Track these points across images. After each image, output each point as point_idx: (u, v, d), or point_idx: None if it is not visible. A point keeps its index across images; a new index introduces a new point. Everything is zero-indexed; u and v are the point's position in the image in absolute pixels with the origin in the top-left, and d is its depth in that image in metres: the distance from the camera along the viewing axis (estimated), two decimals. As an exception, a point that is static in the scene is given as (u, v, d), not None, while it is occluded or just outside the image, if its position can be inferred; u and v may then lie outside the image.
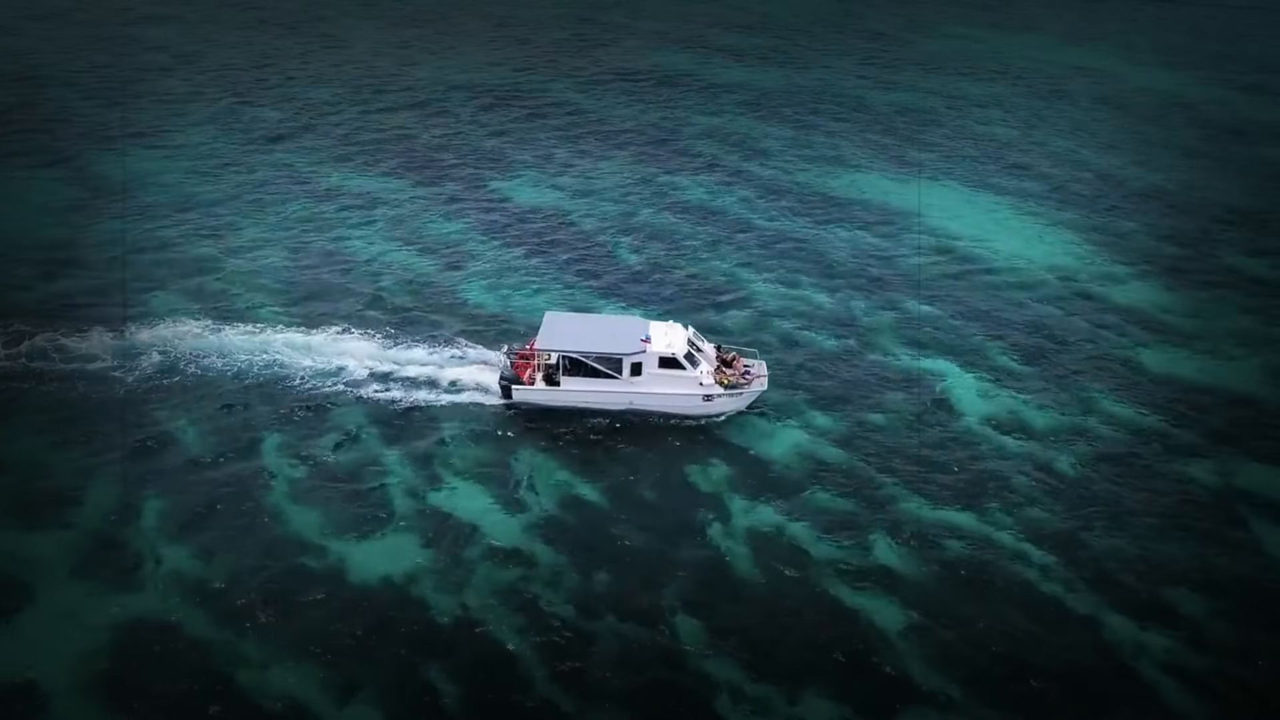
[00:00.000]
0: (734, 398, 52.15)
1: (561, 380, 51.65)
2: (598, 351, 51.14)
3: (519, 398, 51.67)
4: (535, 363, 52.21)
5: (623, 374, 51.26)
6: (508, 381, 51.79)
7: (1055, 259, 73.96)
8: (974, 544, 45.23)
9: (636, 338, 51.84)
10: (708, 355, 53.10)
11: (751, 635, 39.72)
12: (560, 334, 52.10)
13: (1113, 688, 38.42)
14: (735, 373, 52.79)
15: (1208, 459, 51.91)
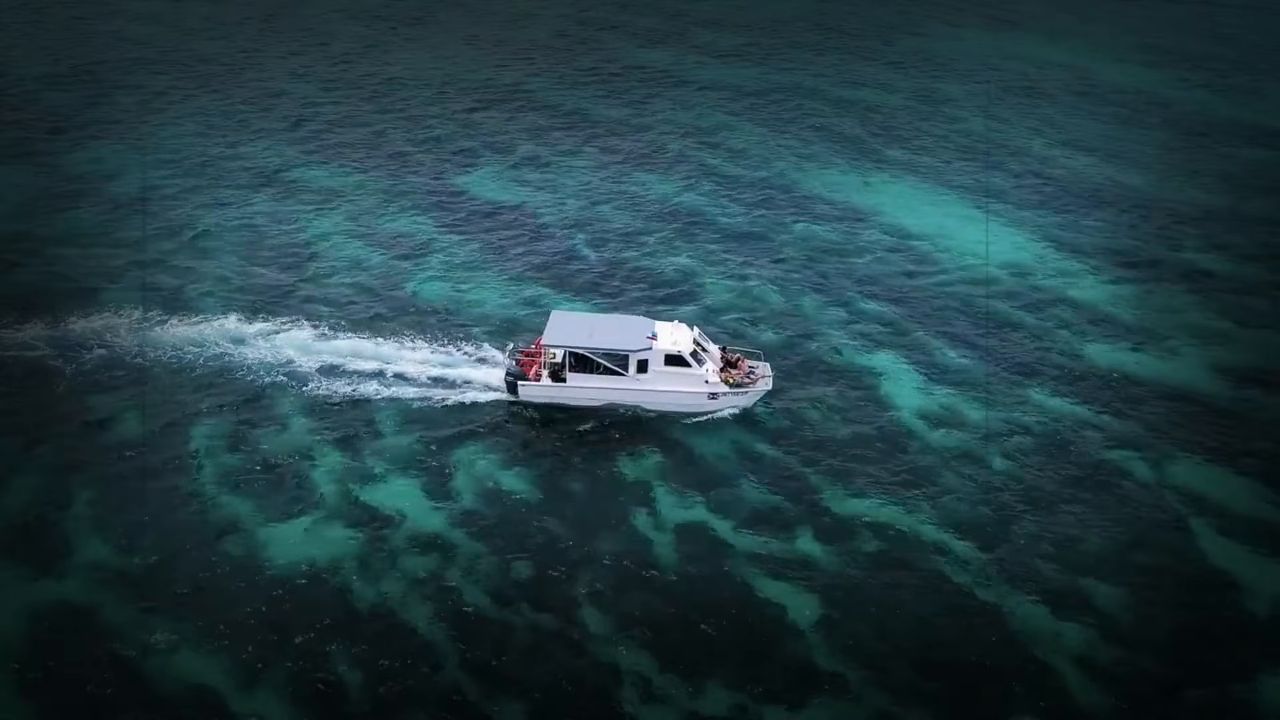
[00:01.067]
0: (739, 396, 52.45)
1: (568, 377, 51.86)
2: (604, 348, 51.43)
3: (525, 394, 52.03)
4: (541, 359, 52.39)
5: (629, 371, 51.62)
6: (514, 378, 52.09)
7: (1010, 255, 74.17)
8: (895, 537, 45.56)
9: (643, 335, 52.20)
10: (713, 355, 53.51)
11: (662, 625, 40.10)
12: (567, 331, 52.43)
13: (1018, 679, 38.73)
14: (740, 373, 53.19)
15: (1141, 452, 52.18)
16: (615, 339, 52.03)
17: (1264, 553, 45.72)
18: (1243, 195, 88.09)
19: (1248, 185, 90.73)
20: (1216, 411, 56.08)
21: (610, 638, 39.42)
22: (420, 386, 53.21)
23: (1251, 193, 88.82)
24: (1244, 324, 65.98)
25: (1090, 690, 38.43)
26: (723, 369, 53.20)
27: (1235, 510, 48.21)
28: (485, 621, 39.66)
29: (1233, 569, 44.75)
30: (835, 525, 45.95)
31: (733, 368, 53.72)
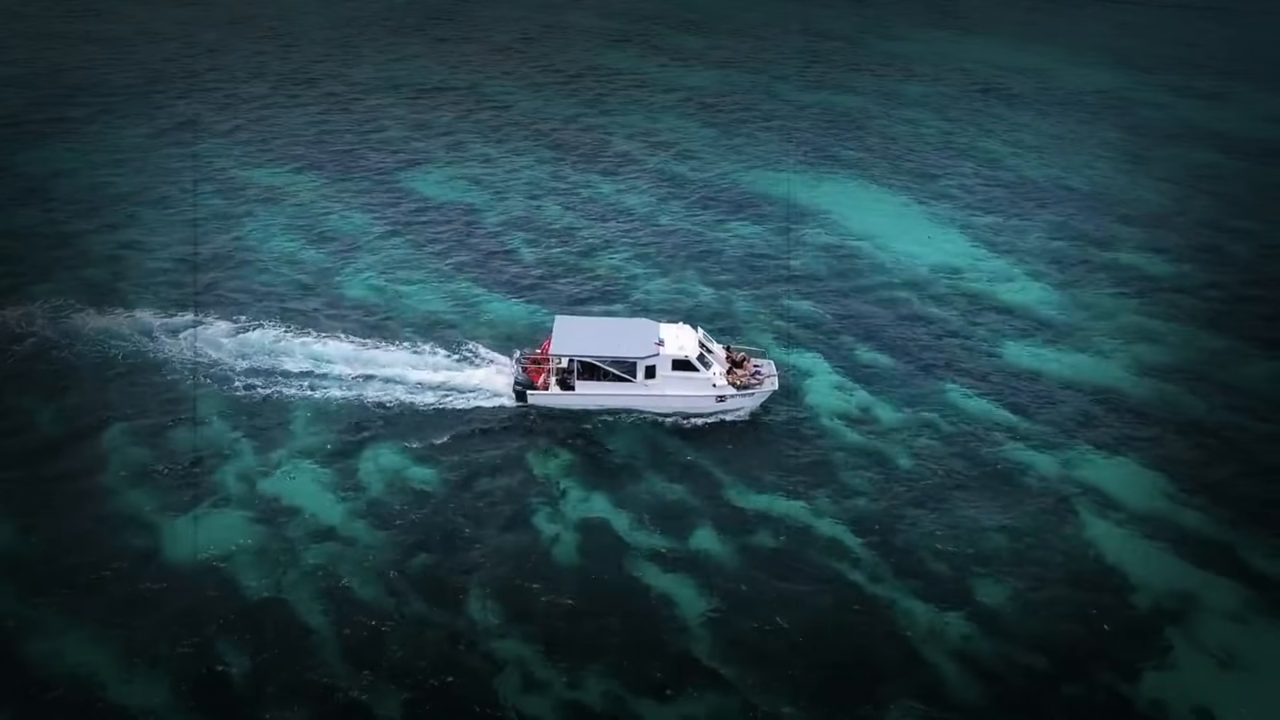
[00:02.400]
0: (746, 398, 52.86)
1: (576, 384, 52.18)
2: (613, 355, 51.72)
3: (534, 402, 52.28)
4: (549, 367, 52.71)
5: (637, 377, 51.88)
6: (522, 386, 52.33)
7: (946, 257, 74.74)
8: (794, 533, 46.13)
9: (650, 341, 52.51)
10: (718, 356, 53.94)
11: (551, 618, 40.68)
12: (574, 338, 52.52)
13: (896, 672, 39.30)
14: (745, 373, 53.65)
15: (1047, 450, 52.72)
16: (623, 346, 52.10)
17: (1156, 549, 46.32)
18: (1186, 197, 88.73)
19: (1193, 188, 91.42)
20: (1130, 410, 56.67)
21: (498, 630, 39.99)
22: (341, 383, 53.73)
23: (1195, 195, 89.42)
24: (1171, 324, 66.60)
25: (965, 683, 39.00)
26: (729, 369, 53.52)
27: (1134, 507, 48.80)
28: (374, 613, 40.22)
29: (1123, 565, 45.33)
30: (736, 521, 46.51)
31: (739, 367, 54.08)
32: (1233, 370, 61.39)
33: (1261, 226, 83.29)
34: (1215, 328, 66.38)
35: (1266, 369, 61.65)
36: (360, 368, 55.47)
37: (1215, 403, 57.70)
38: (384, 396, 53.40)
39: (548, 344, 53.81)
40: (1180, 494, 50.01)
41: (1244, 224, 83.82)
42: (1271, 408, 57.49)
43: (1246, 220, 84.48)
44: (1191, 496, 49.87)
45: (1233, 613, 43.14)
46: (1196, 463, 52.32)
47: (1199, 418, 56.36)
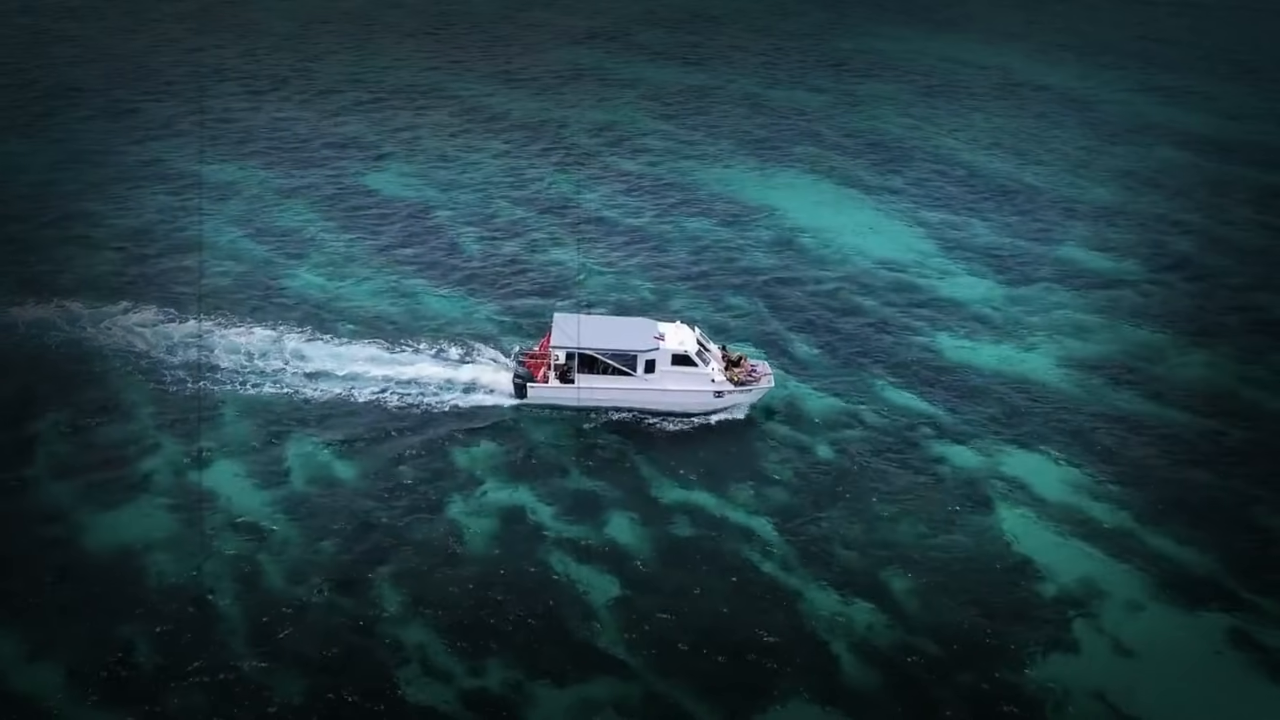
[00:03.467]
0: (744, 394, 53.65)
1: (576, 378, 52.76)
2: (614, 349, 52.40)
3: (534, 396, 52.87)
4: (548, 361, 53.31)
5: (637, 371, 52.57)
6: (522, 380, 52.93)
7: (892, 252, 75.45)
8: (709, 523, 46.84)
9: (649, 336, 53.30)
10: (714, 354, 54.71)
11: (458, 607, 41.28)
12: (574, 333, 53.16)
13: (796, 660, 39.94)
14: (743, 371, 54.47)
15: (971, 443, 53.45)
16: (623, 340, 52.91)
17: (1066, 539, 47.09)
18: (1136, 193, 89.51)
19: (1145, 183, 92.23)
20: (1055, 403, 57.43)
21: (403, 618, 40.59)
22: (272, 376, 54.32)
23: (1146, 191, 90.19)
24: (1106, 318, 67.39)
25: (862, 671, 39.73)
26: (725, 367, 54.32)
27: (1048, 498, 49.58)
28: (284, 601, 40.82)
29: (1032, 555, 46.08)
30: (654, 512, 47.20)
31: (735, 366, 54.91)
32: (1162, 364, 62.20)
33: (1207, 222, 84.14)
34: (1150, 322, 67.18)
35: (1196, 362, 62.49)
36: (294, 361, 56.01)
37: (1141, 396, 58.50)
38: (317, 390, 53.94)
39: (546, 339, 54.59)
40: (1096, 485, 50.80)
41: (1190, 219, 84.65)
42: (1196, 401, 58.30)
43: (1193, 215, 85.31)
44: (1107, 488, 50.66)
45: (1134, 601, 43.92)
46: (1115, 455, 53.11)
47: (1123, 411, 57.15)
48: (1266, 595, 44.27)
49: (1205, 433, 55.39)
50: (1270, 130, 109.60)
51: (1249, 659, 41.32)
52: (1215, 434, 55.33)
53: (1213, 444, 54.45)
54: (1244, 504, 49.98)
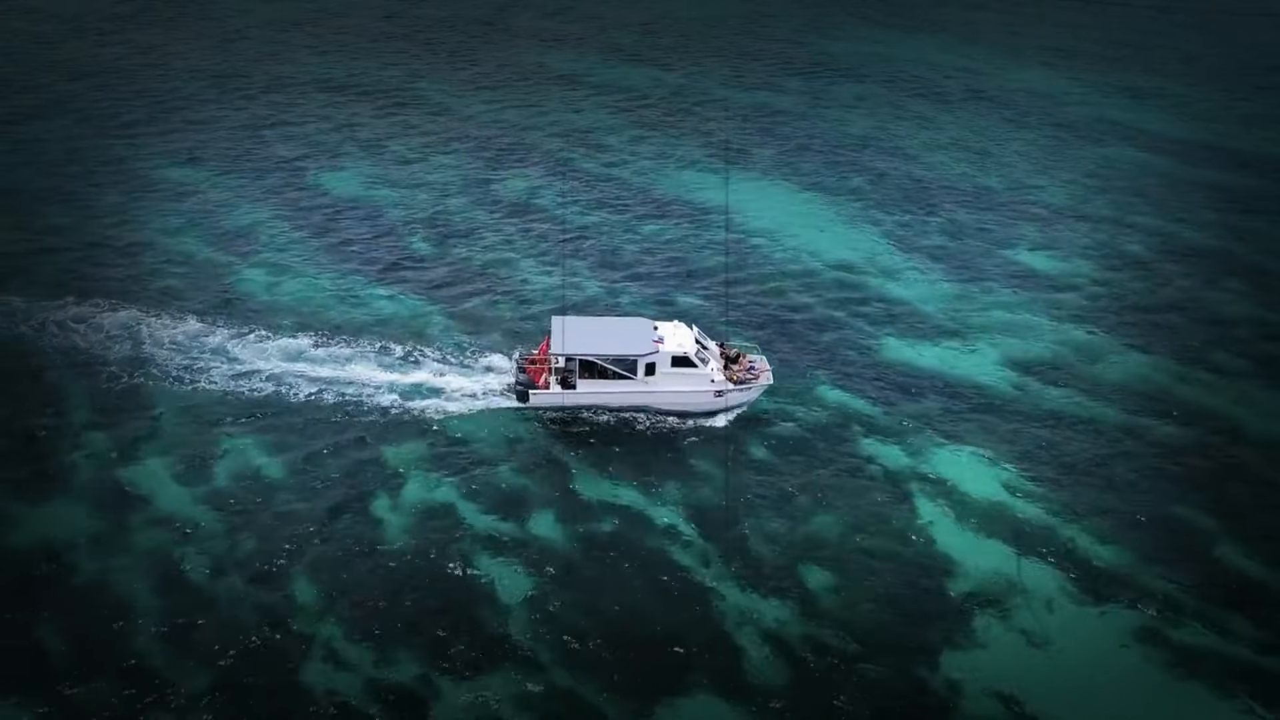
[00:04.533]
0: (744, 392, 54.23)
1: (577, 383, 53.25)
2: (614, 353, 52.85)
3: (535, 401, 53.30)
4: (549, 366, 53.69)
5: (638, 374, 53.04)
6: (524, 386, 53.33)
7: (844, 253, 75.84)
8: (633, 520, 47.32)
9: (649, 338, 53.76)
10: (713, 353, 55.26)
11: (374, 601, 41.72)
12: (573, 337, 53.44)
13: (702, 658, 40.33)
14: (741, 368, 55.01)
15: (901, 442, 53.82)
16: (623, 344, 53.30)
17: (985, 537, 47.47)
18: (1094, 195, 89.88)
19: (1105, 185, 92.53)
20: (988, 403, 57.84)
21: (318, 611, 41.02)
22: (209, 374, 54.75)
23: (1105, 192, 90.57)
24: (1049, 320, 67.72)
25: (769, 666, 40.14)
26: (724, 365, 54.90)
27: (973, 496, 49.98)
28: (197, 595, 41.26)
29: (951, 552, 46.45)
30: (578, 510, 47.65)
31: (733, 363, 55.46)
32: (1099, 364, 62.57)
33: (1160, 223, 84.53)
34: (1091, 322, 67.54)
35: (1133, 362, 62.86)
36: (232, 358, 56.53)
37: (1073, 395, 58.87)
38: (252, 387, 54.39)
39: (545, 344, 55.05)
40: (1020, 483, 51.16)
41: (1145, 221, 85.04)
42: (1128, 400, 58.69)
43: (1148, 218, 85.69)
44: (1031, 485, 51.04)
45: (1048, 597, 44.28)
46: (1042, 453, 53.48)
47: (1055, 410, 57.54)
48: (1178, 591, 44.64)
49: (1134, 431, 55.80)
50: (1234, 132, 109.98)
51: (1157, 654, 41.71)
52: (1144, 432, 55.75)
53: (1140, 442, 54.85)
54: (1165, 501, 50.36)
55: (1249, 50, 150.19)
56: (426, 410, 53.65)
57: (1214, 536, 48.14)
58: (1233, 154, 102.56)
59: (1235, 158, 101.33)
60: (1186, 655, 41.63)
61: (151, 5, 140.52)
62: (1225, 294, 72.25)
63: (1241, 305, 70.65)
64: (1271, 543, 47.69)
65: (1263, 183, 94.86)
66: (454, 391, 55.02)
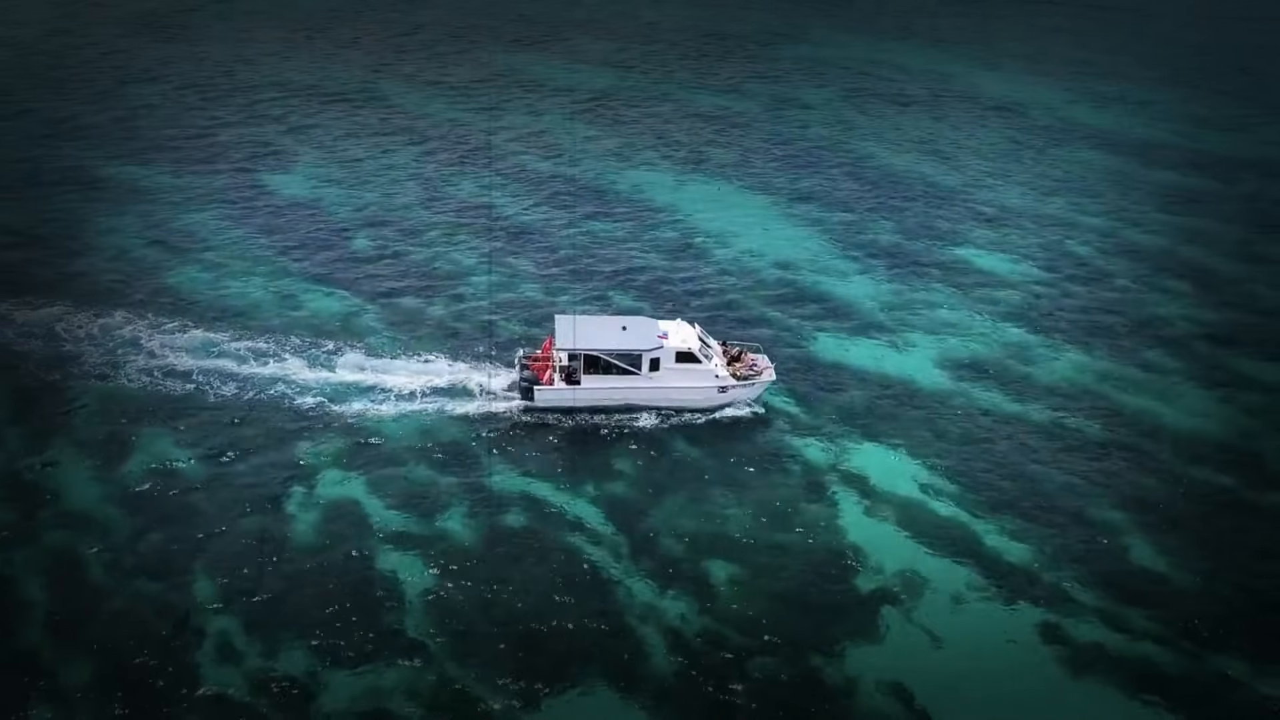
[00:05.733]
0: (747, 389, 54.64)
1: (582, 379, 53.42)
2: (619, 349, 53.13)
3: (541, 398, 53.44)
4: (553, 364, 53.90)
5: (642, 370, 53.34)
6: (529, 383, 53.48)
7: (787, 253, 75.88)
8: (545, 515, 47.32)
9: (653, 335, 54.15)
10: (716, 350, 55.61)
11: (273, 596, 41.66)
12: (577, 334, 53.74)
13: (598, 651, 40.27)
14: (744, 365, 55.43)
15: (824, 439, 53.84)
16: (627, 340, 53.61)
17: (897, 534, 47.49)
18: (1048, 196, 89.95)
19: (1060, 187, 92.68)
20: (916, 401, 57.90)
21: (215, 606, 40.98)
22: (132, 372, 54.92)
23: (1060, 193, 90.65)
24: (991, 319, 67.79)
25: (665, 660, 40.10)
26: (727, 363, 55.23)
27: (889, 493, 50.01)
28: (92, 587, 41.18)
29: (860, 549, 46.41)
30: (489, 504, 47.66)
31: (736, 361, 55.81)
32: (1033, 364, 62.63)
33: (1109, 224, 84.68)
34: (1030, 322, 67.60)
35: (1067, 362, 62.91)
36: (159, 356, 56.52)
37: (1003, 395, 58.91)
38: (176, 385, 54.40)
39: (549, 342, 55.31)
40: (940, 481, 51.16)
41: (1094, 222, 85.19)
42: (1057, 400, 58.75)
43: (1097, 218, 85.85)
44: (950, 484, 51.05)
45: (955, 594, 44.26)
46: (965, 451, 53.51)
47: (982, 408, 57.60)
48: (1084, 589, 44.66)
49: (1058, 430, 55.83)
50: (1194, 134, 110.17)
51: (1057, 651, 41.72)
52: (1067, 431, 55.81)
53: (1063, 441, 54.89)
54: (1081, 500, 50.38)
55: (1218, 52, 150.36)
56: (349, 408, 53.64)
57: (1125, 534, 48.15)
58: (1190, 155, 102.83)
59: (1192, 159, 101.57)
60: (1086, 652, 41.63)
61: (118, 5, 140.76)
62: (1165, 294, 72.37)
63: (1179, 305, 70.76)
64: (1181, 540, 47.73)
65: (1215, 184, 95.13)
66: (379, 389, 54.98)
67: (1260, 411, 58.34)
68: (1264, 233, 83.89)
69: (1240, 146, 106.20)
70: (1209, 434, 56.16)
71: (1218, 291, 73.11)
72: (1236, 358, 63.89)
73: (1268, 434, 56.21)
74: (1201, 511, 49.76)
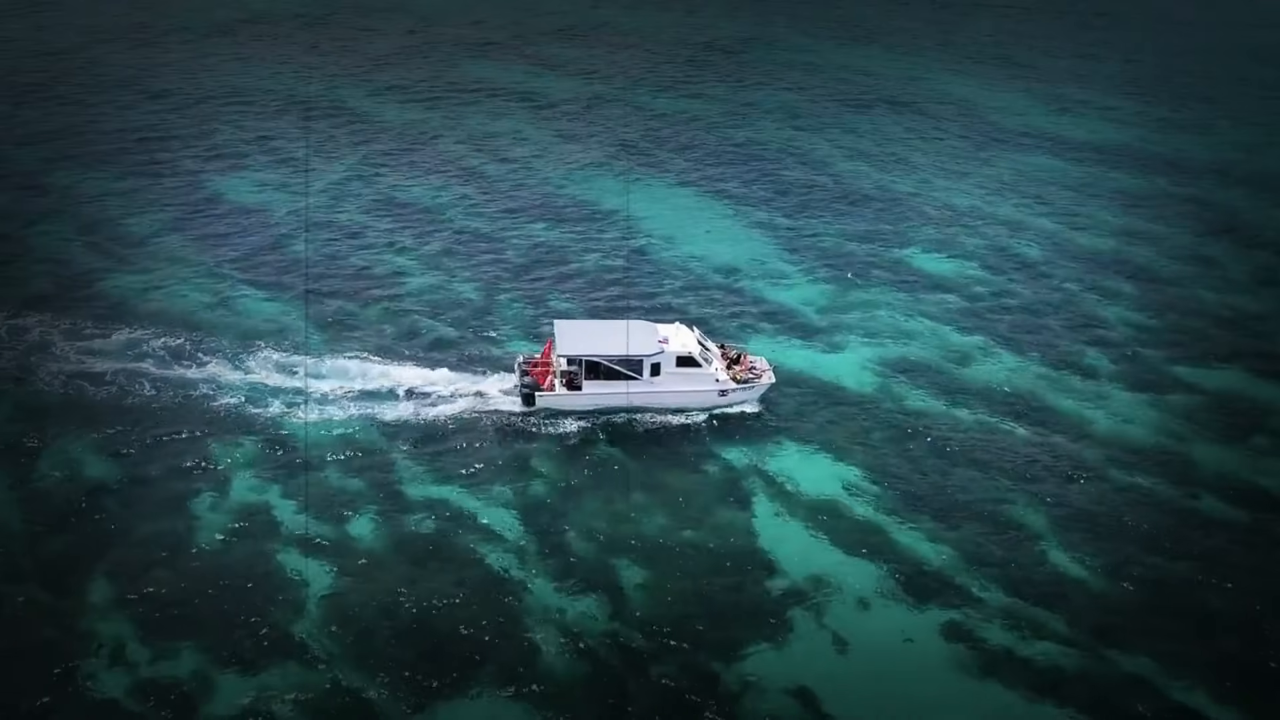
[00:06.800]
0: (747, 391, 54.71)
1: (583, 384, 53.42)
2: (620, 354, 53.13)
3: (542, 404, 53.43)
4: (553, 369, 53.85)
5: (643, 374, 53.36)
6: (530, 389, 53.40)
7: (731, 257, 75.62)
8: (453, 518, 46.84)
9: (653, 339, 54.19)
10: (715, 353, 55.68)
11: (168, 600, 41.13)
12: (578, 340, 53.97)
13: (496, 654, 39.82)
14: (743, 369, 55.35)
15: (747, 442, 53.49)
16: (628, 344, 53.61)
17: (812, 536, 47.08)
18: (1001, 199, 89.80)
19: (1012, 189, 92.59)
20: (846, 403, 57.64)
21: (106, 611, 40.44)
22: (47, 376, 54.42)
23: (1010, 196, 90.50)
24: (930, 322, 67.52)
25: (562, 662, 39.67)
26: (726, 366, 55.21)
27: (808, 495, 49.61)
28: (-13, 594, 40.67)
29: (774, 550, 46.00)
30: (399, 509, 47.19)
31: (735, 363, 55.73)
32: (967, 366, 62.43)
33: (1057, 226, 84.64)
34: (969, 324, 67.39)
35: (1000, 365, 62.69)
36: (80, 358, 56.02)
37: (934, 397, 58.65)
38: (96, 389, 53.88)
39: (547, 348, 55.29)
40: (861, 483, 50.83)
41: (1043, 223, 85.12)
42: (988, 402, 58.52)
43: (1047, 220, 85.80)
44: (871, 486, 50.69)
45: (863, 597, 43.86)
46: (890, 454, 53.16)
47: (911, 410, 57.35)
48: (996, 591, 44.31)
49: (985, 432, 55.63)
50: (1152, 137, 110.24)
51: (963, 654, 41.32)
52: (995, 433, 55.61)
53: (991, 443, 54.67)
54: (1003, 502, 50.09)
55: (1185, 57, 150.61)
56: (268, 411, 53.17)
57: (1042, 536, 47.84)
58: (1146, 158, 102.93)
59: (1147, 162, 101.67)
60: (992, 654, 41.27)
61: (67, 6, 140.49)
62: (1107, 296, 72.24)
63: (1120, 307, 70.64)
64: (1098, 544, 47.45)
65: (1169, 186, 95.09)
66: (303, 393, 54.47)
67: (1190, 415, 58.08)
68: (1210, 236, 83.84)
69: (1198, 149, 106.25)
70: (1136, 437, 55.87)
71: (1159, 294, 72.99)
72: (1172, 361, 63.70)
73: (1195, 438, 55.92)
74: (1121, 514, 49.46)
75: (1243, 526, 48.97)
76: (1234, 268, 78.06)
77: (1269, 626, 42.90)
